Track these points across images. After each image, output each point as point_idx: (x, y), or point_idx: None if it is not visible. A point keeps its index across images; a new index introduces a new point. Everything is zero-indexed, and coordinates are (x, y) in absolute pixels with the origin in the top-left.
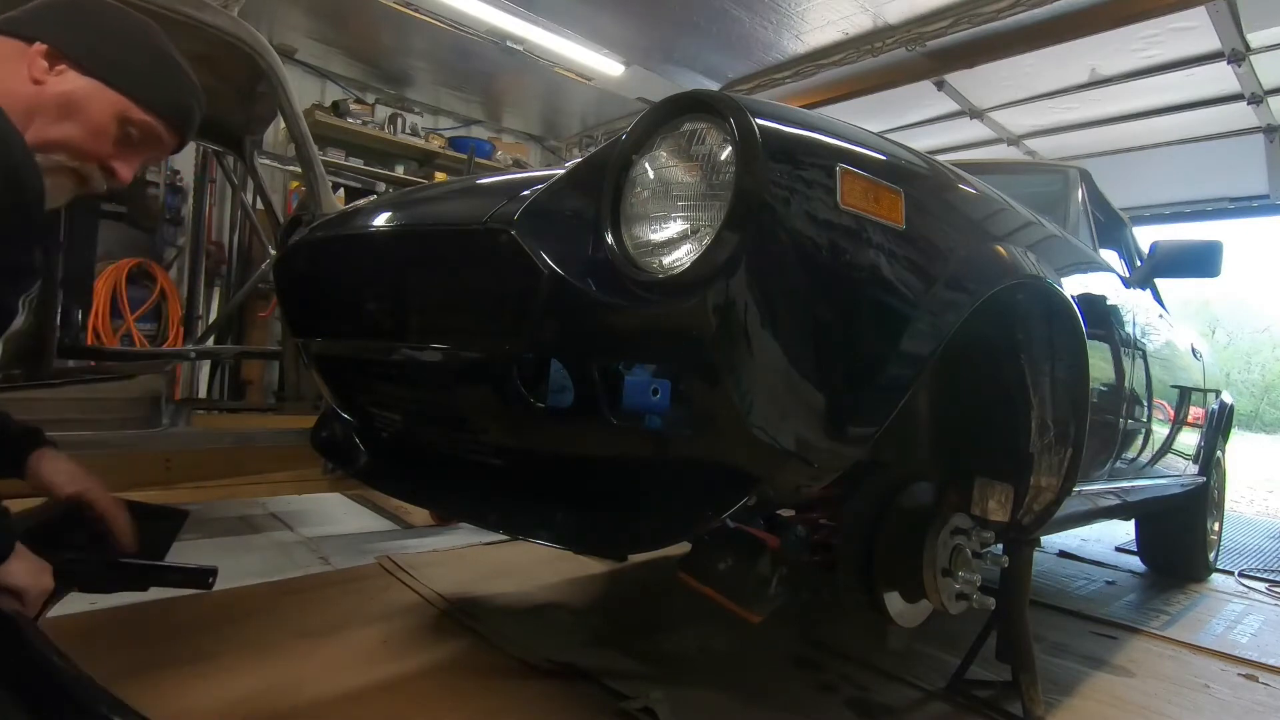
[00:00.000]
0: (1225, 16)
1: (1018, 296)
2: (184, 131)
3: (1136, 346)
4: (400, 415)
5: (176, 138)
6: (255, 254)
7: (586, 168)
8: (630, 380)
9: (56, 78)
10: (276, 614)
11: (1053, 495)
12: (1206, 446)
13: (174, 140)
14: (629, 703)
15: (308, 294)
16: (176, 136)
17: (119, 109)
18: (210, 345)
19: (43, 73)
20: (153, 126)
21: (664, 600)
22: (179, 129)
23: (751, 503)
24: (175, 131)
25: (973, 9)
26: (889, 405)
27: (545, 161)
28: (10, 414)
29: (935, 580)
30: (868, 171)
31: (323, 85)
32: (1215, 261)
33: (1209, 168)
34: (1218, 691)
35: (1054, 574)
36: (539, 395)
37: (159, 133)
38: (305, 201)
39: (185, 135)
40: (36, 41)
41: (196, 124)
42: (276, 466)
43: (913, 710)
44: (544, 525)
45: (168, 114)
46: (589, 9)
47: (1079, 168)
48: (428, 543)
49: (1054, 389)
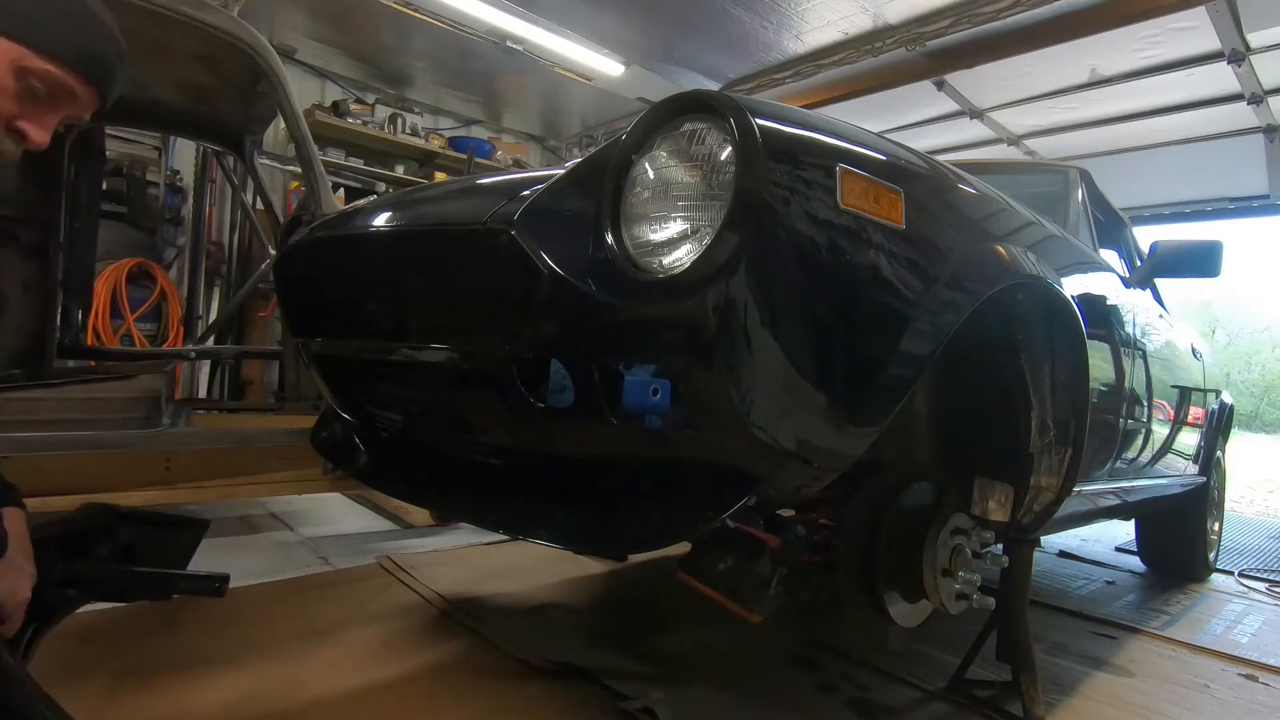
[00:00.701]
0: (1225, 16)
1: (1018, 296)
2: (99, 82)
3: (1136, 346)
4: (400, 415)
5: (92, 90)
6: (255, 254)
7: (586, 168)
8: (630, 380)
9: None
10: (276, 614)
11: (1053, 495)
12: (1206, 446)
13: (89, 94)
14: (629, 703)
15: (308, 294)
16: (91, 88)
17: (12, 58)
18: (210, 345)
19: None
20: (57, 77)
21: (664, 600)
22: (93, 79)
23: (751, 503)
24: (88, 82)
25: (973, 9)
26: (889, 405)
27: (545, 161)
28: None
29: (935, 580)
30: (868, 171)
31: (323, 85)
32: (1215, 261)
33: (1209, 168)
34: (1218, 691)
35: (1054, 574)
36: (539, 395)
37: (68, 84)
38: (305, 201)
39: (102, 87)
40: None
41: (116, 74)
42: (276, 466)
43: (913, 710)
44: (544, 525)
45: (73, 61)
46: (589, 9)
47: (1079, 168)
48: (428, 543)
49: (1054, 389)
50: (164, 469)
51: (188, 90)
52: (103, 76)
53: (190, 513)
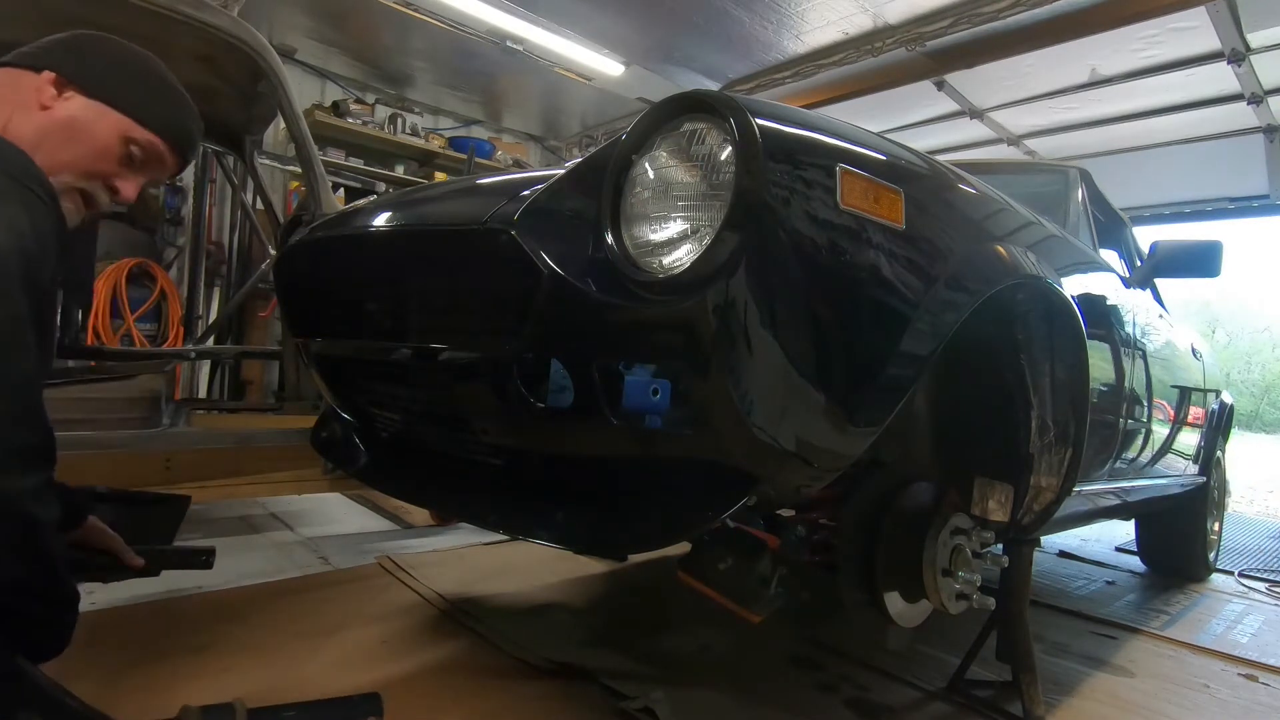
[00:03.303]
0: (1225, 16)
1: (1018, 296)
2: (184, 151)
3: (1136, 346)
4: (400, 415)
5: (177, 157)
6: (255, 254)
7: (586, 168)
8: (630, 380)
9: (64, 102)
10: (276, 614)
11: (1053, 495)
12: (1206, 446)
13: (174, 160)
14: (629, 703)
15: (308, 294)
16: (177, 156)
17: (122, 129)
18: (210, 345)
19: (51, 99)
20: (155, 145)
21: (664, 600)
22: (179, 149)
23: (751, 503)
24: (176, 151)
25: (973, 9)
26: (889, 405)
27: (545, 161)
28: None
29: (935, 580)
30: (868, 171)
31: (323, 85)
32: (1215, 261)
33: (1209, 168)
34: (1217, 691)
35: (1054, 574)
36: (539, 395)
37: (160, 152)
38: (305, 201)
39: (186, 156)
40: (45, 71)
41: (197, 146)
42: (276, 466)
43: (913, 710)
44: (544, 525)
45: (168, 134)
46: (589, 9)
47: (1079, 168)
48: (428, 543)
49: (1054, 389)
50: (164, 469)
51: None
52: (189, 147)
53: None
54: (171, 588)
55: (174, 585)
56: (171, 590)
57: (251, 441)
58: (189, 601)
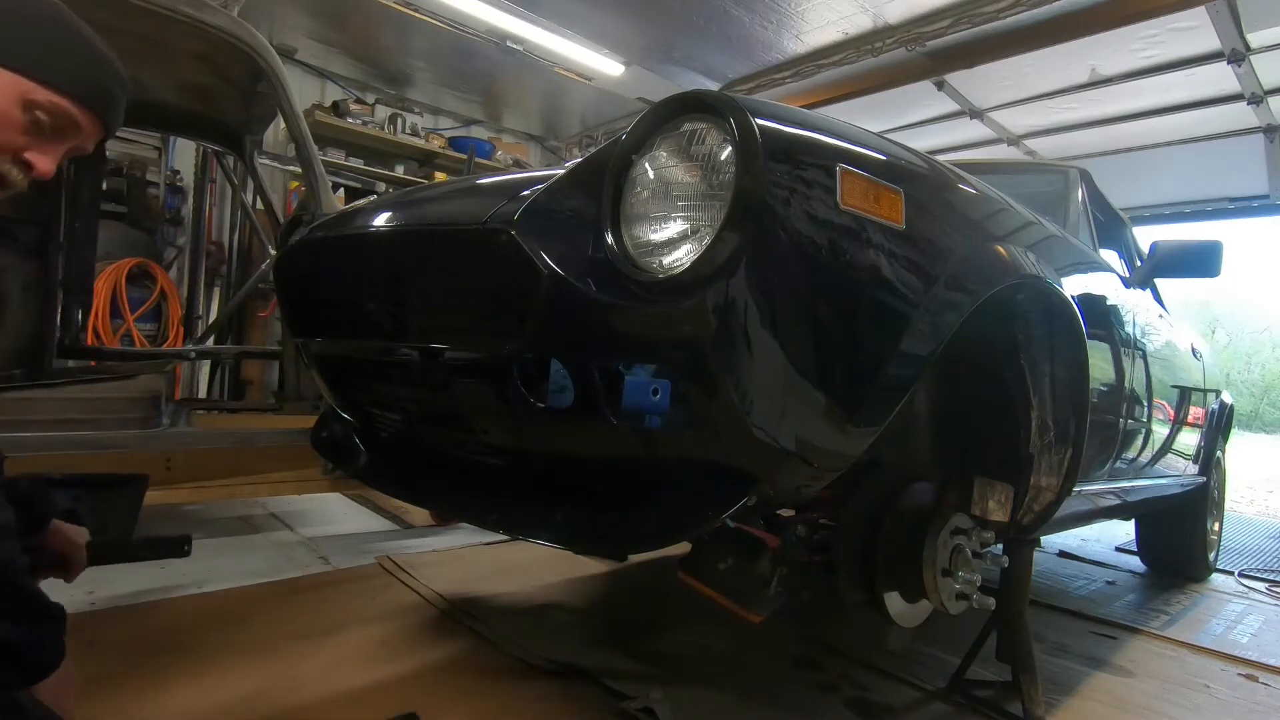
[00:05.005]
0: (1225, 16)
1: (1018, 296)
2: (103, 114)
3: (1136, 346)
4: (400, 415)
5: (95, 120)
6: (255, 254)
7: (586, 168)
8: (630, 380)
9: None
10: (276, 614)
11: (1053, 495)
12: (1206, 446)
13: (92, 124)
14: (629, 703)
15: (308, 294)
16: (94, 119)
17: (20, 91)
18: (210, 345)
19: None
20: (63, 108)
21: (664, 600)
22: (95, 110)
23: (751, 503)
24: (92, 113)
25: (973, 9)
26: (889, 405)
27: (545, 161)
28: None
29: (935, 580)
30: (868, 171)
31: (323, 85)
32: (1215, 261)
33: (1209, 168)
34: (1218, 691)
35: (1054, 574)
36: (539, 395)
37: (73, 116)
38: (305, 201)
39: (105, 118)
40: None
41: (118, 104)
42: (276, 466)
43: (913, 710)
44: (544, 525)
45: (77, 93)
46: (589, 9)
47: (1079, 168)
48: (428, 543)
49: (1054, 389)
50: (164, 469)
51: (188, 90)
52: (106, 107)
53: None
54: (172, 588)
55: (174, 585)
56: (172, 590)
57: (251, 441)
58: (189, 601)
